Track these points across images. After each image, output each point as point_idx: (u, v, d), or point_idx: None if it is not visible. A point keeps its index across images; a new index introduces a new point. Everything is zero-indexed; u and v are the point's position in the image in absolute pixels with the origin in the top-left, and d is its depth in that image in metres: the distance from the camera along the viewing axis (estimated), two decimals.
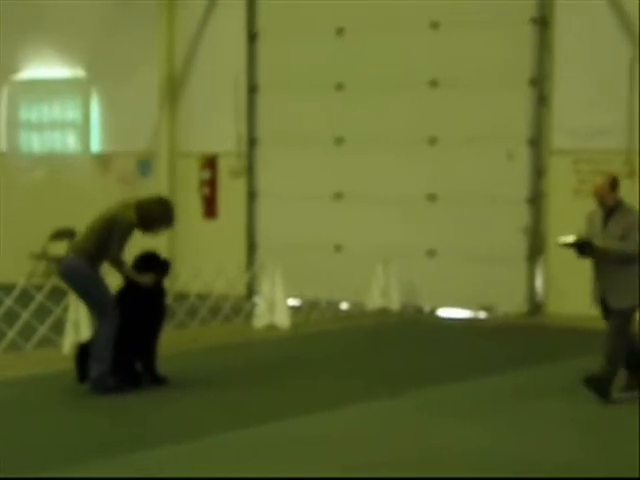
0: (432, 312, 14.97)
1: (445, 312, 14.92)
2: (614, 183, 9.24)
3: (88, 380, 9.24)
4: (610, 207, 9.19)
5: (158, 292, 9.55)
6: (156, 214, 9.36)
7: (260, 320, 13.25)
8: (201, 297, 13.34)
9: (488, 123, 14.68)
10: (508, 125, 14.58)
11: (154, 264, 9.51)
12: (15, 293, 11.46)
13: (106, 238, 9.13)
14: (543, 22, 14.40)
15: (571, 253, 14.16)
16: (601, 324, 9.12)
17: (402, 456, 7.38)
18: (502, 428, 8.19)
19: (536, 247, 14.58)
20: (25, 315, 11.29)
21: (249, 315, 13.50)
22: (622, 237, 8.99)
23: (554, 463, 7.20)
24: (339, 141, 15.72)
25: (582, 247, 9.12)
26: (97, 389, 9.17)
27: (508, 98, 14.57)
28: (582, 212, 14.24)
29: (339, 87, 15.66)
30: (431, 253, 15.11)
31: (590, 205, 14.12)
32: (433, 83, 15.03)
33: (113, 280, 9.58)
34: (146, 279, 9.32)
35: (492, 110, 14.64)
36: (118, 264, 9.23)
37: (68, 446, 7.60)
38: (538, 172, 14.60)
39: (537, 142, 14.51)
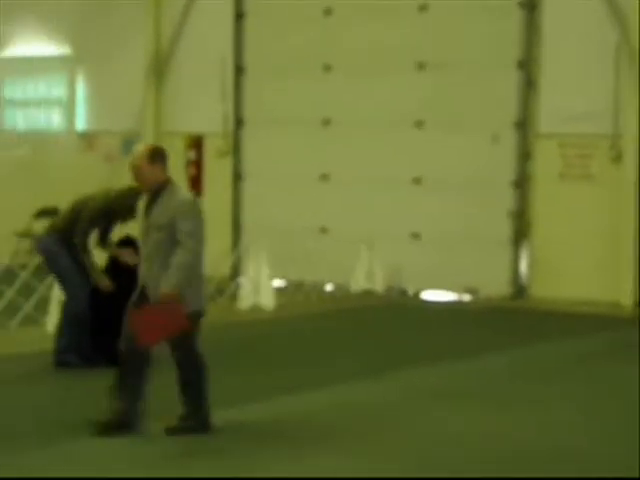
0: (416, 295, 14.99)
1: (429, 295, 14.95)
2: (156, 154, 7.16)
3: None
4: (155, 188, 7.14)
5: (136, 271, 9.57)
6: (136, 203, 9.45)
7: (245, 301, 13.23)
8: None
9: (475, 106, 14.66)
10: (495, 108, 14.57)
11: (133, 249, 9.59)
12: None
13: (75, 220, 9.37)
14: (531, 5, 14.38)
15: (556, 237, 14.33)
16: (585, 308, 9.14)
17: (388, 438, 7.39)
18: (486, 410, 8.22)
19: (521, 230, 14.61)
20: (9, 293, 11.24)
21: (234, 296, 13.48)
22: (165, 228, 7.02)
23: (541, 446, 7.22)
24: (326, 122, 15.67)
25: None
26: (57, 363, 9.39)
27: (495, 81, 14.56)
28: (568, 196, 14.44)
29: (326, 68, 15.61)
30: (416, 236, 15.12)
31: (577, 189, 14.33)
32: (421, 65, 15.00)
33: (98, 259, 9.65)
34: (127, 257, 9.35)
35: (479, 93, 14.63)
36: (82, 250, 9.36)
37: (45, 424, 7.56)
38: (524, 155, 14.61)
39: (523, 125, 14.52)
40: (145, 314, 7.02)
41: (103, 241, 9.51)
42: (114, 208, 9.41)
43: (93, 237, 9.55)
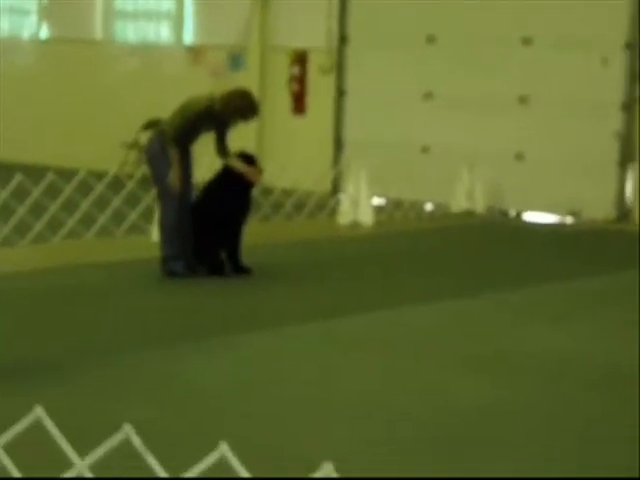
0: (518, 216, 14.88)
1: (531, 216, 14.82)
2: None
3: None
4: None
5: (245, 184, 9.69)
6: (238, 105, 9.52)
7: (344, 217, 13.33)
8: (286, 192, 13.46)
9: (584, 25, 14.30)
10: (605, 28, 14.20)
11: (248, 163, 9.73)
12: (107, 180, 11.68)
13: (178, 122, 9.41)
14: None
15: None
16: None
17: (481, 354, 7.46)
18: (582, 332, 8.20)
19: (628, 153, 14.33)
20: (116, 202, 11.49)
21: (333, 212, 13.59)
22: None
23: (633, 367, 7.21)
24: (430, 40, 15.49)
25: None
26: (164, 272, 9.54)
27: (606, 0, 14.17)
28: None
29: None
30: (519, 156, 14.95)
31: None
32: None
33: (204, 167, 9.84)
34: (252, 175, 9.53)
35: (589, 12, 14.25)
36: (170, 142, 9.34)
37: (150, 328, 7.87)
38: (633, 77, 14.24)
39: (634, 46, 14.13)
40: None
41: (220, 150, 9.52)
42: (217, 110, 9.42)
43: (206, 143, 9.65)
